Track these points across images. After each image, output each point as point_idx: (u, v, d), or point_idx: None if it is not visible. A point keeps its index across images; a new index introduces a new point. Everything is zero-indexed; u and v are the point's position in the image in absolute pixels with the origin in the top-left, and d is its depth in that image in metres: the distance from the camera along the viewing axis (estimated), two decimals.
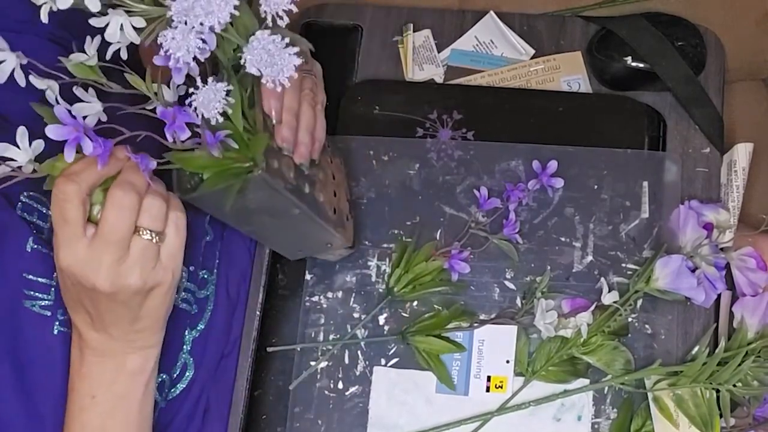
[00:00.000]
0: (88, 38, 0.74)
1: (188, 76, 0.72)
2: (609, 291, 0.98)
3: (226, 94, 0.71)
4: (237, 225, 0.89)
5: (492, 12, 1.14)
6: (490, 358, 0.99)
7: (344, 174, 0.99)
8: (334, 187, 0.94)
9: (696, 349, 0.99)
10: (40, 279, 0.85)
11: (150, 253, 0.76)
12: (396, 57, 1.13)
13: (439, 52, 1.14)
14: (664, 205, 1.03)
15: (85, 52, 0.75)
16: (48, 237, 0.87)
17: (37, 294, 0.84)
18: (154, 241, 0.76)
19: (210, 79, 0.71)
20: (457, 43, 1.14)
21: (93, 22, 0.70)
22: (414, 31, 1.14)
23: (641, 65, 1.08)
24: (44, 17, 0.72)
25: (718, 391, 0.95)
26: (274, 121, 0.83)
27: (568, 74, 1.12)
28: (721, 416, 0.95)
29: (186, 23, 0.67)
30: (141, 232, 0.75)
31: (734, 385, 0.94)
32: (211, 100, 0.71)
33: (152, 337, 0.83)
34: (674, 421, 0.95)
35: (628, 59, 1.08)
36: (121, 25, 0.69)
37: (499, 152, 1.06)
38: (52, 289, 0.85)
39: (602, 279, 1.00)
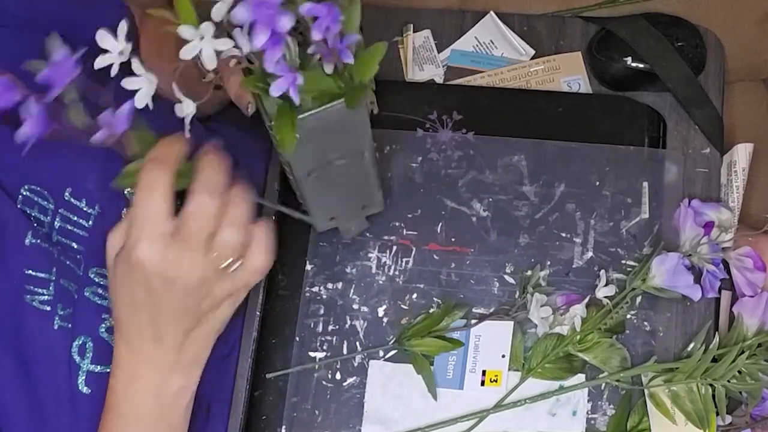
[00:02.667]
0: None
1: None
2: (606, 284, 0.98)
3: None
4: (301, 170, 0.85)
5: (492, 12, 1.14)
6: (485, 352, 0.99)
7: None
8: None
9: (692, 345, 0.99)
10: (39, 274, 0.85)
11: (226, 269, 0.76)
12: (396, 57, 1.14)
13: (439, 52, 1.14)
14: (667, 203, 1.04)
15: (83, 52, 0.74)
16: (47, 231, 0.87)
17: (36, 289, 0.84)
18: (231, 263, 0.76)
19: None
20: (457, 43, 1.14)
21: None
22: (414, 32, 1.14)
23: (641, 65, 1.08)
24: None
25: (714, 387, 0.95)
26: None
27: (568, 75, 1.12)
28: (717, 413, 0.95)
29: None
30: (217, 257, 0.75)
31: (729, 381, 0.95)
32: None
33: (200, 354, 0.83)
34: (671, 418, 0.95)
35: (628, 59, 1.09)
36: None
37: (502, 147, 1.06)
38: (52, 283, 0.85)
39: (602, 272, 1.00)
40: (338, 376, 1.01)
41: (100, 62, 0.69)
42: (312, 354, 1.02)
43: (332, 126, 0.76)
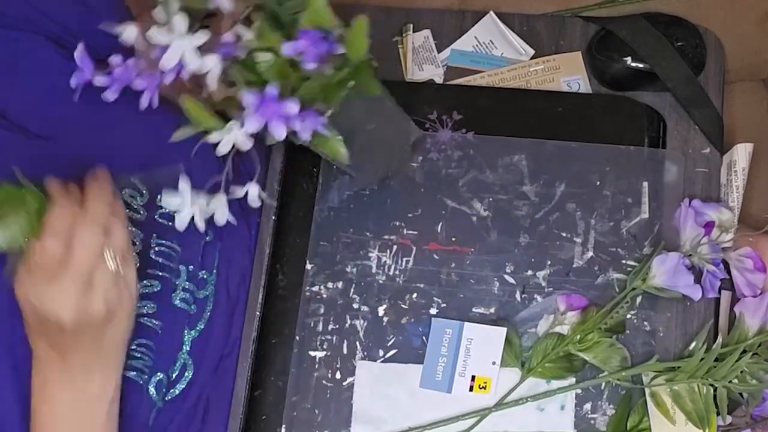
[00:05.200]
0: None
1: None
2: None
3: None
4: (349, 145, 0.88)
5: (492, 12, 1.14)
6: (476, 357, 0.99)
7: None
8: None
9: (693, 344, 0.99)
10: None
11: (114, 281, 0.75)
12: (396, 57, 1.14)
13: (438, 52, 1.14)
14: (667, 203, 1.04)
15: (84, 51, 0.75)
16: None
17: None
18: (118, 268, 0.75)
19: None
20: (456, 43, 1.14)
21: None
22: (414, 32, 1.14)
23: (641, 65, 1.08)
24: None
25: (715, 387, 0.95)
26: None
27: (568, 74, 1.12)
28: (718, 413, 0.95)
29: None
30: (107, 260, 0.75)
31: (730, 382, 0.94)
32: None
33: (113, 361, 0.83)
34: (671, 418, 0.95)
35: (628, 59, 1.09)
36: None
37: (503, 147, 1.06)
38: None
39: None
40: (338, 375, 1.01)
41: None
42: (312, 353, 1.02)
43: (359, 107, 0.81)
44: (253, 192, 0.77)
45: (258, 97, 0.71)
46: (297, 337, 1.02)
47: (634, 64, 1.08)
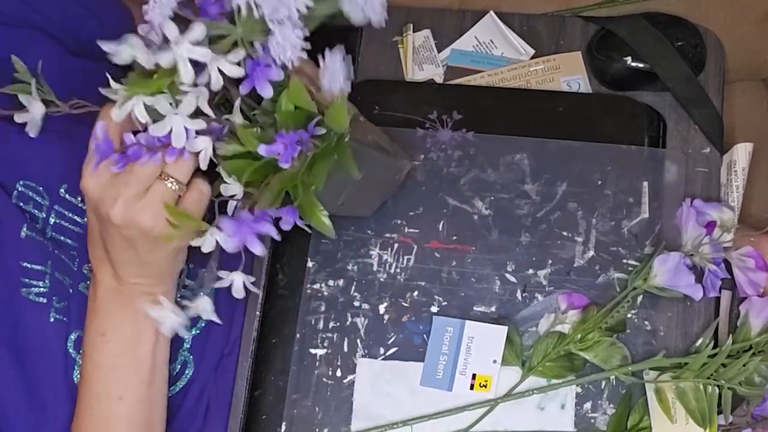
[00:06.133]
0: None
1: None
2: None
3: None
4: (332, 203, 0.89)
5: (492, 12, 1.14)
6: (477, 356, 0.99)
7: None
8: (368, 127, 0.95)
9: (700, 341, 0.99)
10: (35, 266, 0.85)
11: (167, 199, 0.76)
12: (396, 57, 1.14)
13: (439, 52, 1.14)
14: (668, 202, 1.03)
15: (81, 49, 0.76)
16: (42, 227, 0.87)
17: (32, 281, 0.85)
18: (174, 188, 0.76)
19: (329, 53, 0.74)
20: (457, 43, 1.14)
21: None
22: (414, 31, 1.14)
23: (641, 65, 1.08)
24: None
25: (719, 386, 0.95)
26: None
27: (568, 74, 1.12)
28: (720, 413, 0.95)
29: (282, 21, 0.69)
30: (165, 178, 0.75)
31: (739, 383, 0.94)
32: (337, 73, 0.74)
33: (158, 286, 0.83)
34: (671, 416, 0.95)
35: (628, 59, 1.09)
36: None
37: (504, 145, 1.06)
38: (47, 276, 0.85)
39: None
40: (339, 373, 1.01)
41: None
42: (312, 351, 1.02)
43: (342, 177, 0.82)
44: (238, 283, 0.80)
45: (233, 222, 0.75)
46: (298, 335, 1.02)
47: (634, 64, 1.08)
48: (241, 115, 0.76)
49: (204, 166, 0.76)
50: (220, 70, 0.71)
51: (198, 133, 0.74)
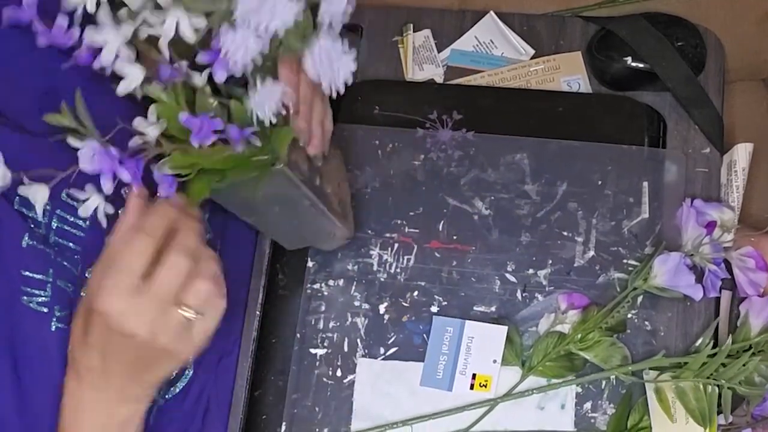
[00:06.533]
0: None
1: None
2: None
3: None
4: (242, 214, 0.90)
5: (492, 12, 1.15)
6: (477, 355, 0.99)
7: (344, 166, 1.01)
8: (338, 179, 0.95)
9: (700, 341, 0.99)
10: (36, 275, 0.84)
11: (186, 327, 0.76)
12: (396, 57, 1.14)
13: (439, 52, 1.14)
14: (668, 202, 1.03)
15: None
16: (44, 232, 0.87)
17: (33, 290, 0.84)
18: (194, 318, 0.76)
19: (268, 81, 0.73)
20: (457, 43, 1.14)
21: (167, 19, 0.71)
22: (414, 31, 1.14)
23: (641, 65, 1.08)
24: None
25: (719, 386, 0.95)
26: (291, 112, 0.83)
27: (568, 74, 1.12)
28: (720, 413, 0.95)
29: (249, 24, 0.68)
30: (183, 309, 0.75)
31: (739, 383, 0.94)
32: (267, 100, 0.73)
33: (146, 394, 0.83)
34: (671, 416, 0.95)
35: (628, 59, 1.09)
36: (177, 23, 0.70)
37: (504, 145, 1.06)
38: (49, 285, 0.85)
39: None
40: (339, 373, 1.01)
41: None
42: (312, 351, 1.02)
43: (238, 194, 0.82)
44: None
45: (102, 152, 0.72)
46: (298, 335, 1.02)
47: (634, 64, 1.08)
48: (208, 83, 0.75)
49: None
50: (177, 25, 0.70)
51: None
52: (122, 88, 0.73)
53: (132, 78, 0.72)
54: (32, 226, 0.85)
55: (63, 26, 0.72)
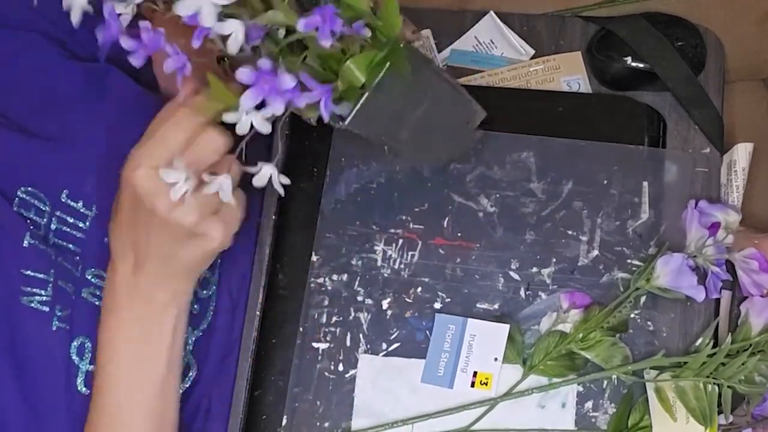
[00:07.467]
0: None
1: None
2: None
3: None
4: (391, 134, 0.89)
5: (492, 12, 1.15)
6: (479, 353, 0.99)
7: None
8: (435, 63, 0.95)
9: (700, 341, 0.99)
10: (37, 274, 0.84)
11: (213, 203, 0.77)
12: None
13: (439, 52, 1.14)
14: (671, 203, 1.03)
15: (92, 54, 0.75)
16: (44, 233, 0.86)
17: (34, 290, 0.84)
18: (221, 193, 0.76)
19: None
20: (457, 43, 1.14)
21: None
22: None
23: (641, 65, 1.08)
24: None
25: (719, 385, 0.95)
26: None
27: (568, 74, 1.12)
28: (721, 412, 0.95)
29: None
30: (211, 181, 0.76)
31: (738, 382, 0.94)
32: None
33: (181, 282, 0.83)
34: (672, 415, 0.95)
35: (628, 59, 1.09)
36: None
37: (510, 143, 1.06)
38: (50, 284, 0.85)
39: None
40: (341, 367, 1.01)
41: None
42: (315, 345, 1.02)
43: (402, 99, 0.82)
44: (265, 173, 0.77)
45: (254, 72, 0.71)
46: (301, 328, 1.02)
47: (634, 64, 1.09)
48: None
49: (235, 50, 0.72)
50: None
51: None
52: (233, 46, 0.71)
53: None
54: (32, 227, 0.85)
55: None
